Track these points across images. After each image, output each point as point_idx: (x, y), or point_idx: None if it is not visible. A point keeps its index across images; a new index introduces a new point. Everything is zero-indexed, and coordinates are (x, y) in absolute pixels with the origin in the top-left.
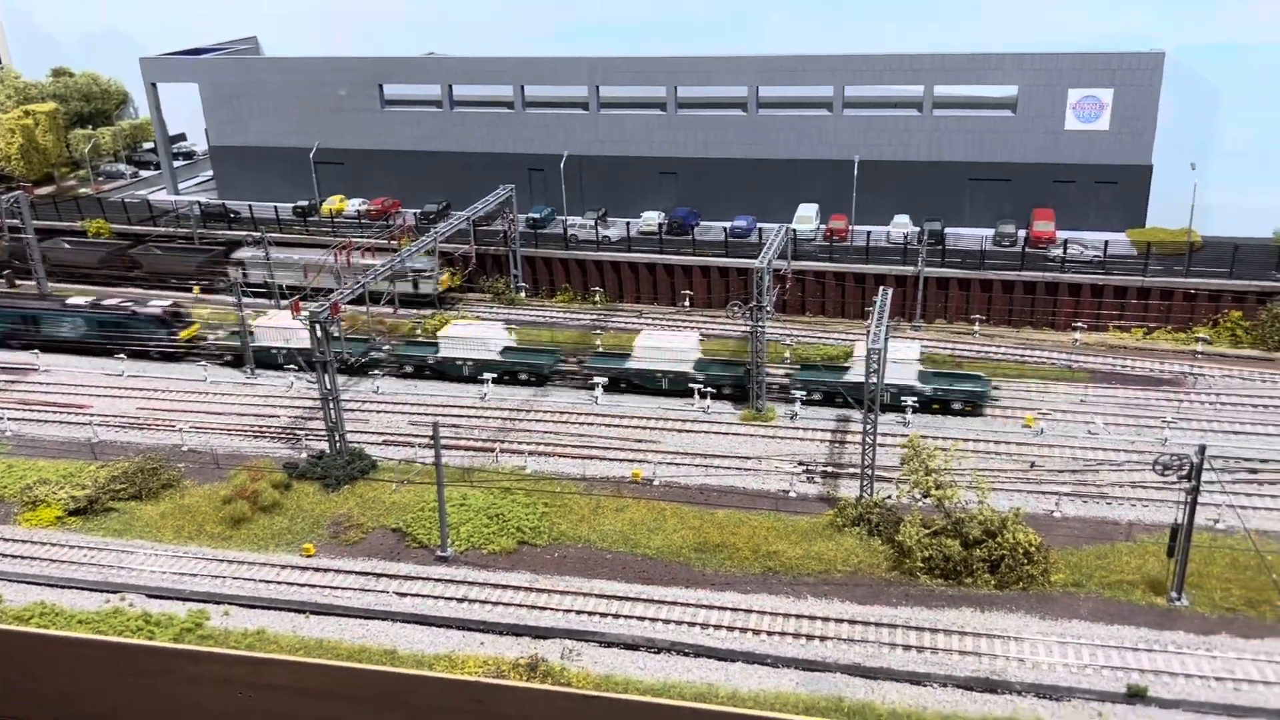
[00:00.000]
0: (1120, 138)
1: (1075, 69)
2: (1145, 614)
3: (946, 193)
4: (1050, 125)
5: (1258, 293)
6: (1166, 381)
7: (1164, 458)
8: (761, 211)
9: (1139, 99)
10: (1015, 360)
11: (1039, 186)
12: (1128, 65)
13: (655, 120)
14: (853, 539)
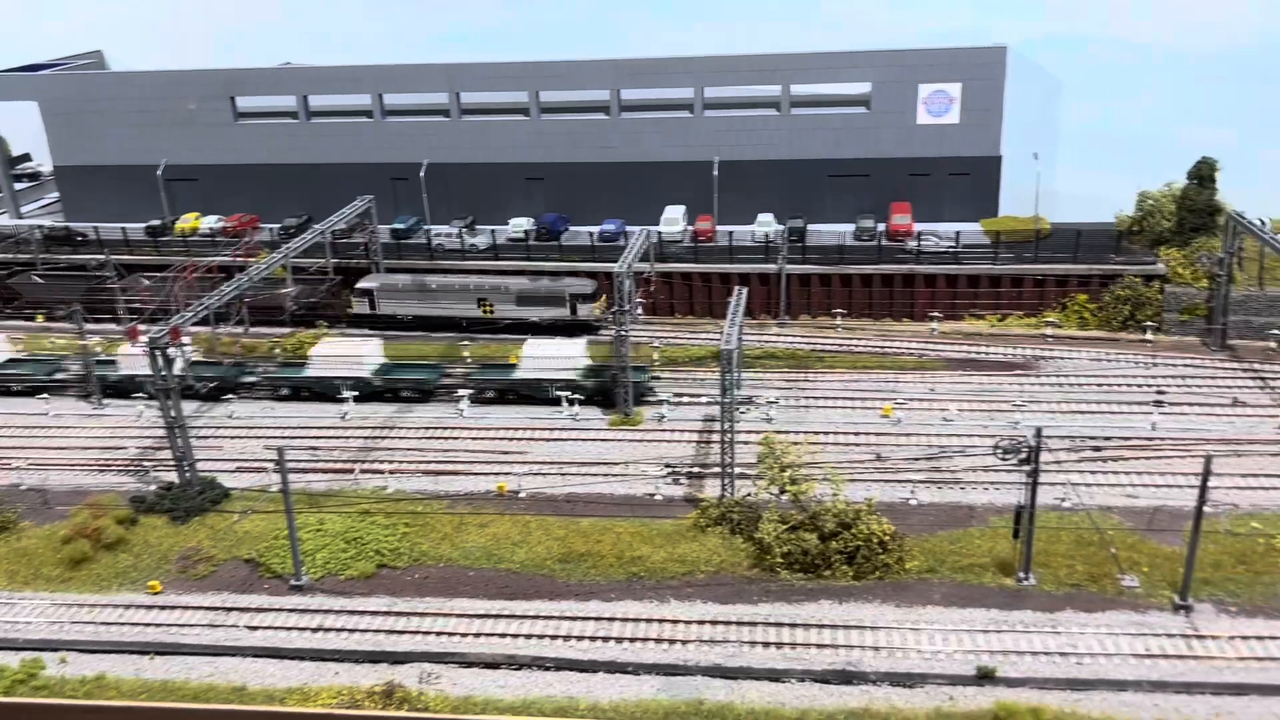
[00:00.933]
0: (970, 130)
1: (924, 65)
2: (995, 595)
3: (808, 190)
4: (903, 120)
5: (1101, 275)
6: (1018, 366)
7: (1003, 442)
8: (630, 214)
9: (985, 92)
10: (875, 352)
11: (896, 181)
12: (973, 60)
13: (519, 126)
14: (716, 539)
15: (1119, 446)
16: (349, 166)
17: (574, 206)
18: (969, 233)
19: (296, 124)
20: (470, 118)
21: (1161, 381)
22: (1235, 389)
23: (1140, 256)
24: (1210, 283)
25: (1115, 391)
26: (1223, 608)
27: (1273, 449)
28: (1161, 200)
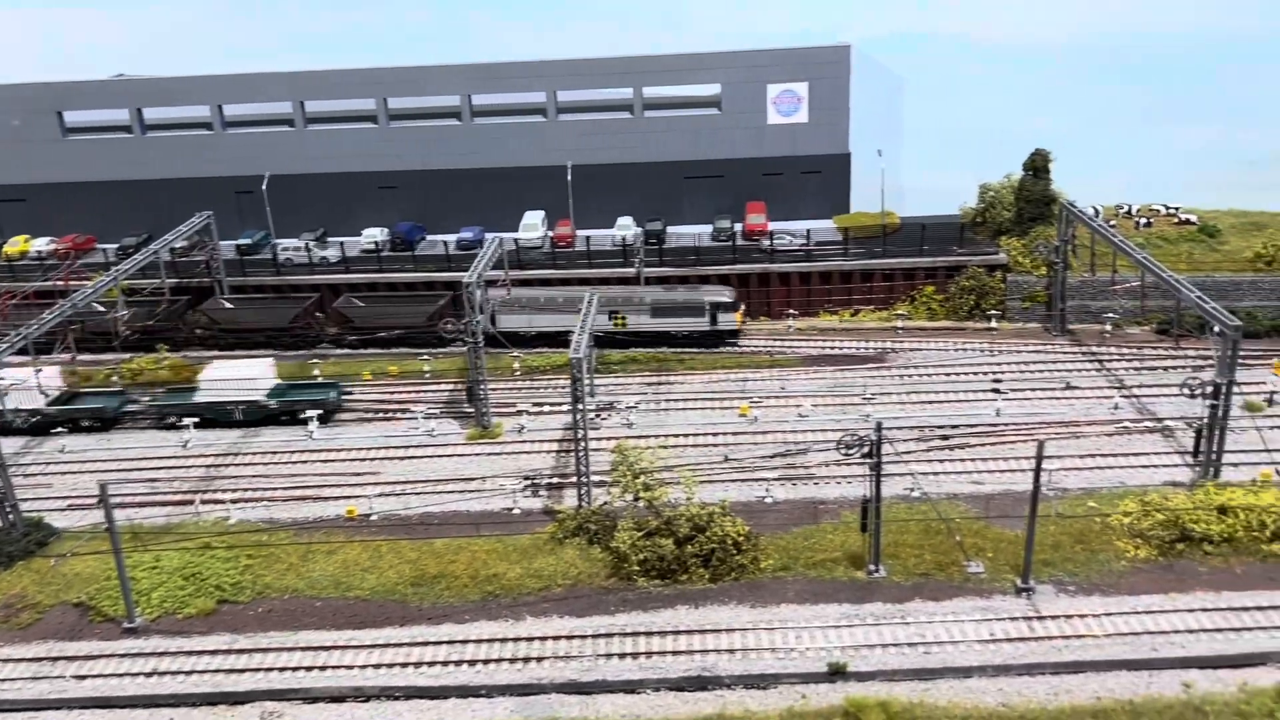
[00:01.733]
0: (819, 129)
1: (772, 65)
2: (847, 590)
3: (666, 192)
4: (754, 121)
5: (946, 267)
6: (870, 359)
7: (846, 437)
8: (489, 221)
9: (831, 91)
10: (734, 351)
11: (751, 180)
12: (818, 59)
13: (368, 133)
14: (574, 550)
15: (965, 434)
16: (190, 181)
17: (430, 215)
18: (823, 230)
19: (131, 138)
20: (316, 126)
21: (1004, 368)
22: (1074, 373)
23: (983, 247)
24: (1048, 270)
25: (961, 380)
26: (1062, 588)
27: (1108, 429)
28: (1001, 192)
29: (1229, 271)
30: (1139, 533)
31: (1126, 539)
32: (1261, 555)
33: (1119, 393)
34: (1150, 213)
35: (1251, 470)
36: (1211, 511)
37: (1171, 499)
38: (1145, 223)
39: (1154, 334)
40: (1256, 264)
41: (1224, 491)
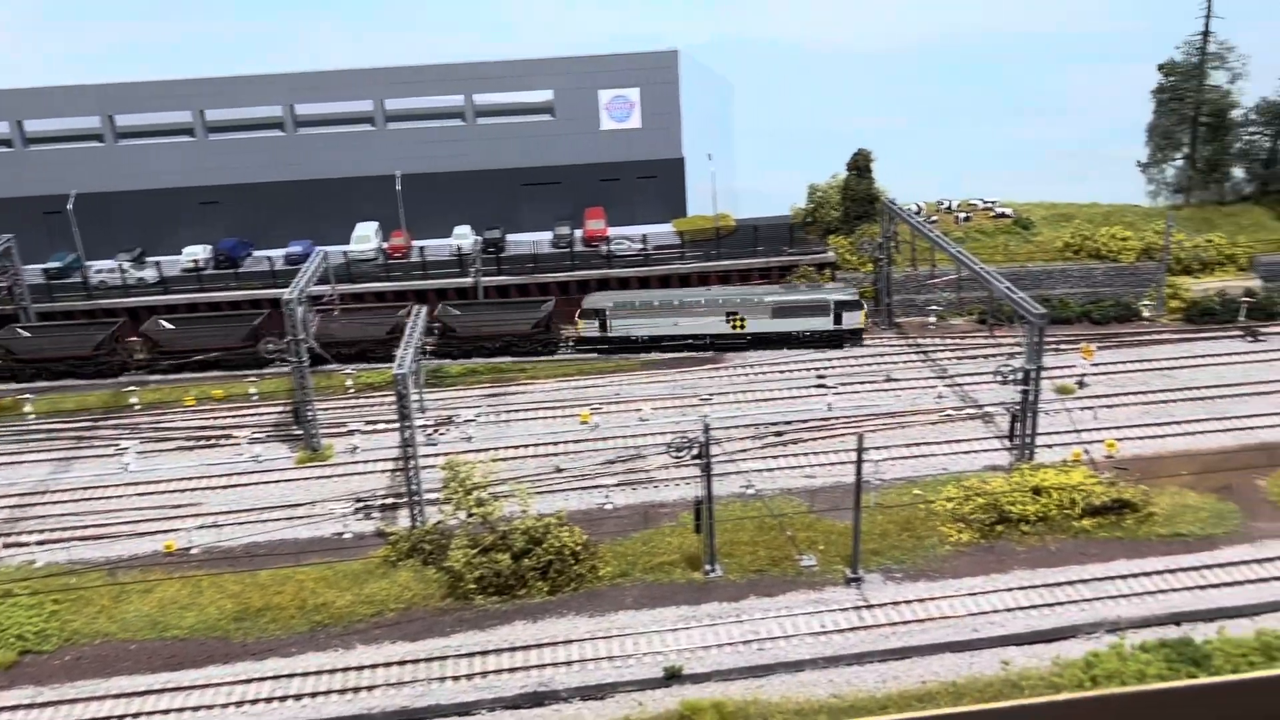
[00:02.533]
0: (652, 134)
1: (603, 71)
2: (684, 591)
3: (504, 200)
4: (588, 126)
5: (779, 267)
6: (708, 360)
7: (676, 440)
8: (320, 234)
9: (662, 96)
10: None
11: (589, 186)
12: (648, 64)
13: (185, 148)
14: (408, 572)
15: (798, 430)
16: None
17: (257, 230)
18: (662, 234)
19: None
20: (128, 141)
21: (834, 363)
22: (901, 365)
23: (813, 246)
24: (874, 266)
25: (795, 377)
26: (890, 575)
27: (932, 418)
28: (829, 192)
29: (1041, 261)
30: (961, 517)
31: (950, 524)
32: (1073, 532)
33: (942, 382)
34: (969, 208)
35: (1064, 451)
36: (1027, 493)
37: (990, 482)
38: (965, 217)
39: (975, 324)
40: (1066, 253)
41: (1038, 473)
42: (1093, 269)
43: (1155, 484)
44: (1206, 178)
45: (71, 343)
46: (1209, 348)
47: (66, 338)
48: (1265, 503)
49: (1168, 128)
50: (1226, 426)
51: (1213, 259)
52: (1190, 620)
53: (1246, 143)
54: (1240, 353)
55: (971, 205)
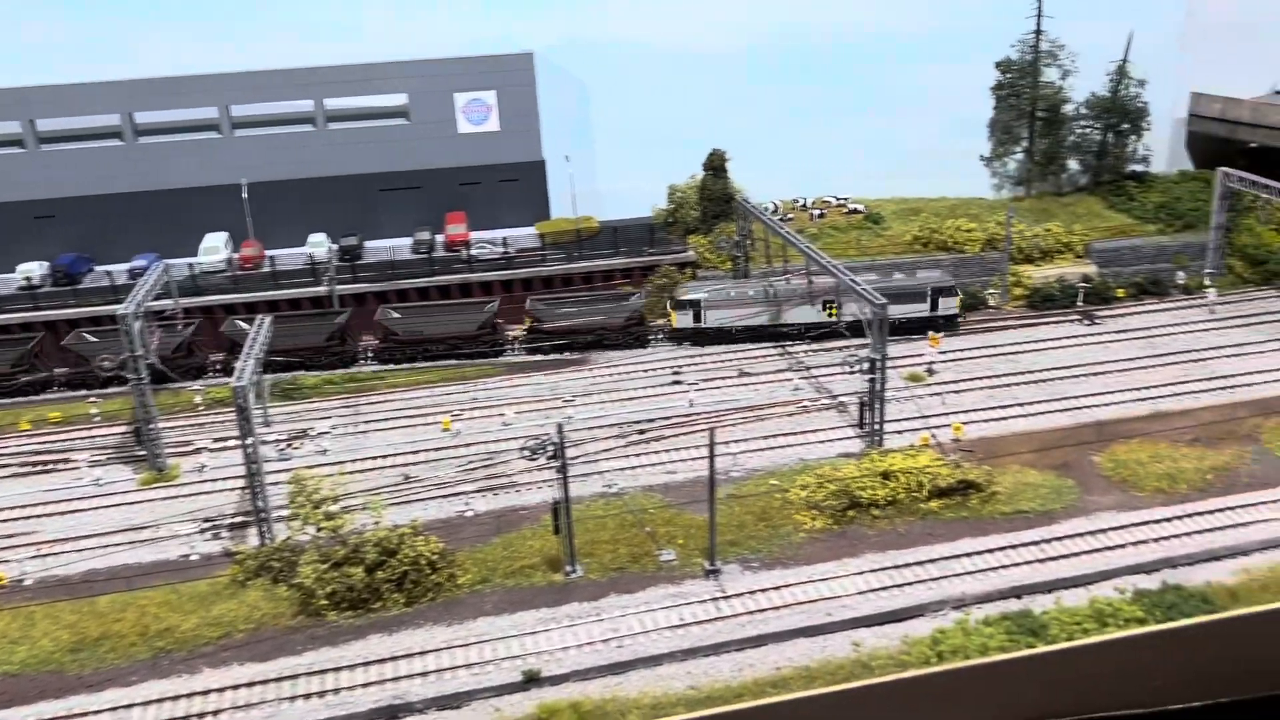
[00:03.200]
0: (511, 137)
1: (458, 73)
2: (545, 594)
3: (361, 206)
4: (445, 130)
5: (641, 267)
6: (573, 361)
7: (530, 443)
8: (167, 247)
9: (519, 98)
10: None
11: (448, 191)
12: (504, 67)
13: (14, 160)
14: (257, 592)
15: (660, 427)
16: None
17: (100, 244)
18: (526, 237)
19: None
20: None
21: (695, 359)
22: (760, 358)
23: (674, 246)
24: (732, 264)
25: (658, 375)
26: (747, 565)
27: (789, 409)
28: (687, 192)
29: (892, 254)
30: (815, 505)
31: (804, 512)
32: (921, 514)
33: (797, 374)
34: (823, 204)
35: (914, 436)
36: (877, 478)
37: (842, 469)
38: (819, 214)
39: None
40: (915, 245)
41: (887, 458)
42: (941, 260)
43: (999, 464)
44: (1044, 170)
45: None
46: (1049, 332)
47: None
48: (1099, 477)
49: (1007, 123)
50: (1065, 406)
51: (1052, 247)
52: (1030, 593)
53: (1079, 136)
54: (1077, 336)
55: (825, 202)
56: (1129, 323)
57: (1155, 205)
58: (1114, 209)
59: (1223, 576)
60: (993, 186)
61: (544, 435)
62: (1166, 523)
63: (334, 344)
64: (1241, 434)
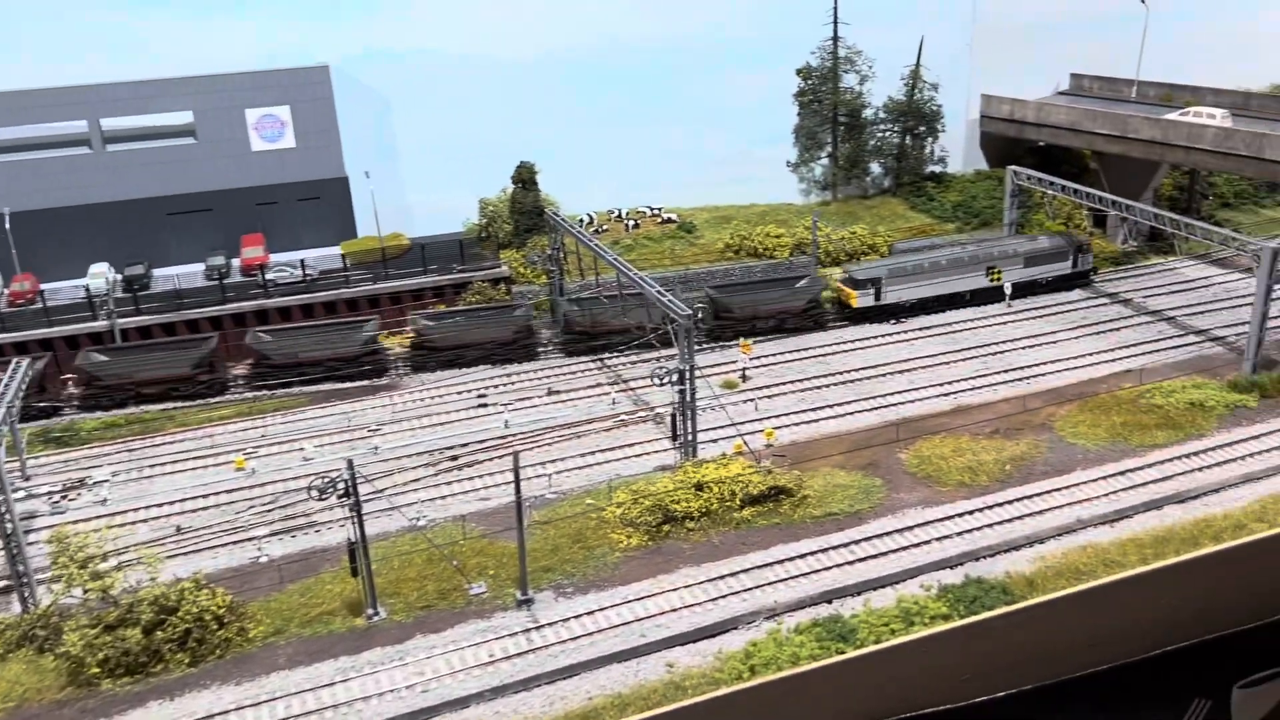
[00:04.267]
0: (309, 153)
1: (248, 89)
2: (345, 641)
3: (148, 232)
4: (237, 149)
5: (452, 284)
6: (382, 387)
7: (316, 482)
8: None
9: (316, 113)
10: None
11: (244, 212)
12: (298, 81)
13: None
14: (19, 665)
15: (473, 451)
16: None
17: None
18: (330, 257)
19: None
20: None
21: (509, 379)
22: (579, 373)
23: (486, 262)
24: (547, 278)
25: (471, 397)
26: (561, 591)
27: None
28: (499, 205)
29: (706, 263)
30: (630, 521)
31: (620, 530)
32: (735, 523)
33: (614, 388)
34: (638, 215)
35: (728, 444)
36: (690, 490)
37: (657, 483)
38: (634, 224)
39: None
40: (727, 253)
41: (700, 468)
42: (752, 267)
43: (810, 467)
44: (849, 174)
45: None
46: (857, 332)
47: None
48: (905, 474)
49: (811, 129)
50: (873, 406)
51: (858, 249)
52: (840, 596)
53: (880, 140)
54: (884, 335)
55: (640, 213)
56: (932, 320)
57: (953, 204)
58: (915, 209)
59: (1021, 566)
60: (801, 192)
61: (335, 471)
62: (969, 515)
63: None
64: (1037, 423)
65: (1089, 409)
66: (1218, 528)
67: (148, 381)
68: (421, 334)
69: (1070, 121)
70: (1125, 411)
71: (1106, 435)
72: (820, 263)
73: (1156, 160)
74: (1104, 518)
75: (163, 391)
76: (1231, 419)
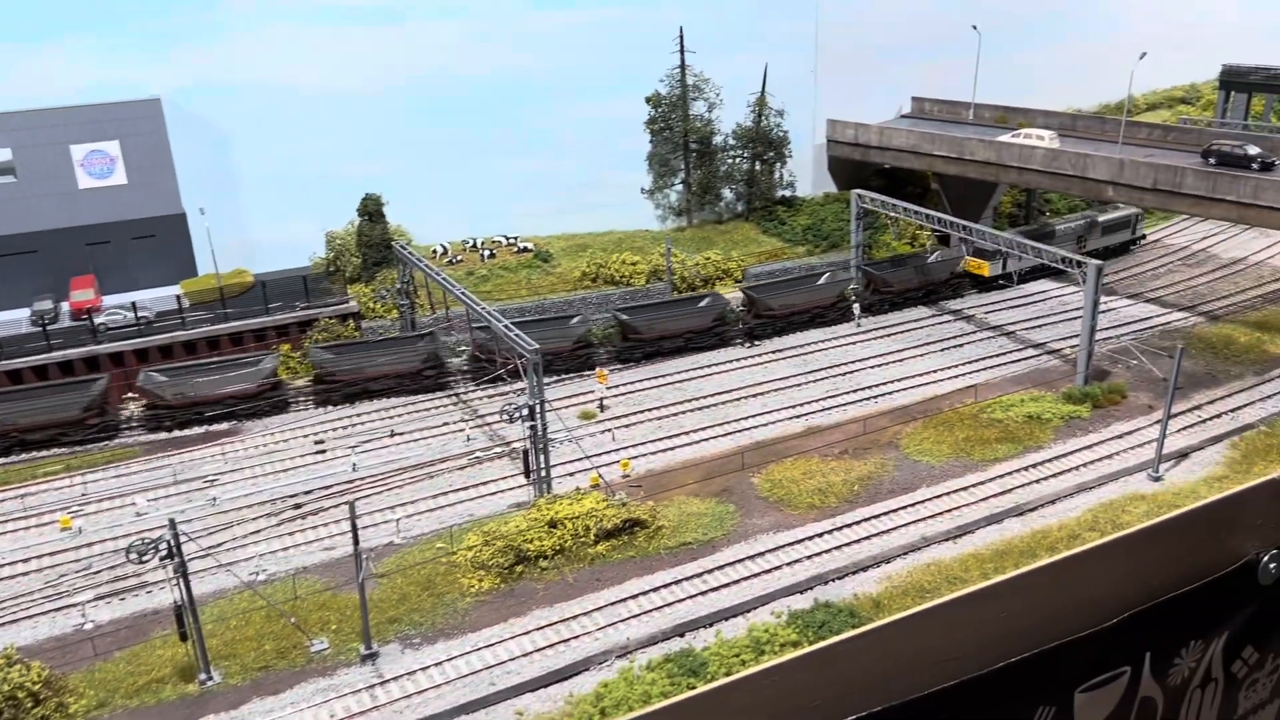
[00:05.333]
0: (142, 190)
1: (73, 124)
2: (175, 710)
3: None
4: (63, 186)
5: (298, 322)
6: (224, 433)
7: (136, 544)
8: None
9: (149, 148)
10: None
11: (73, 253)
12: (127, 115)
13: None
14: None
15: (318, 499)
16: None
17: None
18: (168, 298)
19: None
20: None
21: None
22: (430, 411)
23: (333, 298)
24: (399, 312)
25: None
26: (408, 642)
27: (461, 463)
28: (346, 239)
29: (563, 292)
30: (481, 564)
31: (471, 574)
32: (589, 559)
33: (469, 424)
34: (493, 244)
35: (584, 477)
36: (544, 527)
37: (510, 522)
38: (490, 254)
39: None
40: (584, 282)
41: (554, 505)
42: (609, 294)
43: (666, 496)
44: (702, 200)
45: None
46: (713, 357)
47: None
48: (758, 499)
49: (664, 156)
50: (727, 431)
51: (712, 274)
52: (692, 629)
53: (730, 165)
54: (739, 359)
55: (495, 242)
56: (785, 341)
57: (803, 228)
58: (767, 234)
59: (869, 587)
60: (658, 218)
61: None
62: (818, 539)
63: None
64: (884, 442)
65: (933, 426)
66: (1053, 539)
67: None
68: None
69: (911, 144)
70: (968, 427)
71: (950, 451)
72: (676, 288)
73: (993, 180)
74: (947, 534)
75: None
76: (1066, 430)
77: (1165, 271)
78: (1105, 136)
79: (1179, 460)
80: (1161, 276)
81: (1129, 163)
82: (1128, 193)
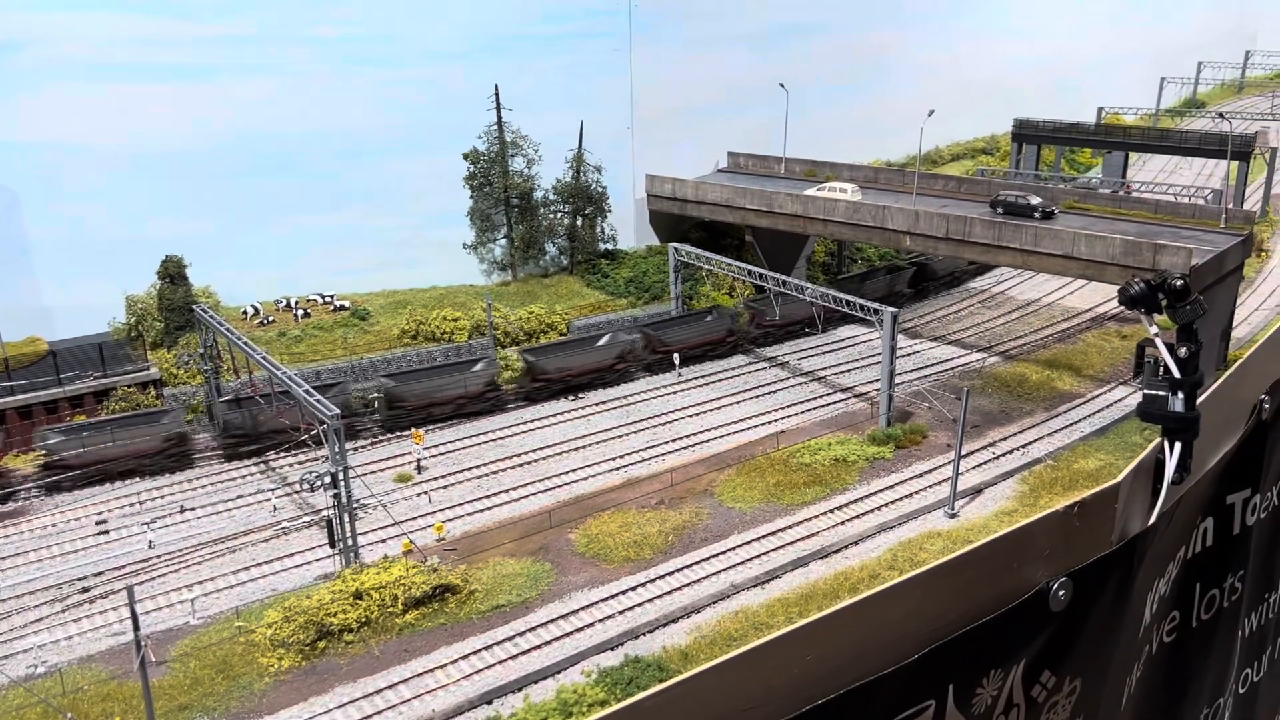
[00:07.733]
0: None
1: None
2: None
3: None
4: None
5: (93, 392)
6: (5, 515)
7: None
8: None
9: None
10: None
11: None
12: None
13: None
14: None
15: (108, 581)
16: None
17: None
18: None
19: None
20: None
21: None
22: (235, 481)
23: (132, 365)
24: (204, 378)
25: (120, 515)
26: None
27: (265, 534)
28: (148, 303)
29: (381, 350)
30: (281, 642)
31: (270, 653)
32: (397, 630)
33: (275, 494)
34: (308, 303)
35: (395, 544)
36: (349, 599)
37: (313, 596)
38: (304, 313)
39: None
40: (404, 339)
41: (359, 575)
42: (431, 352)
43: (481, 558)
44: (525, 254)
45: None
46: (536, 411)
47: None
48: (575, 555)
49: (485, 211)
50: (547, 486)
51: (536, 328)
52: (500, 695)
53: (552, 220)
54: (561, 413)
55: (311, 301)
56: (607, 394)
57: (626, 280)
58: (591, 286)
59: (678, 638)
60: (483, 273)
61: None
62: (631, 592)
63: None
64: (699, 490)
65: (746, 471)
66: (855, 579)
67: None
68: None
69: (725, 198)
70: (778, 472)
71: (761, 496)
72: (500, 343)
73: (802, 232)
74: (756, 580)
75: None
76: (871, 471)
77: (966, 314)
78: (905, 189)
79: (973, 496)
80: (964, 319)
81: (924, 213)
82: (923, 241)
